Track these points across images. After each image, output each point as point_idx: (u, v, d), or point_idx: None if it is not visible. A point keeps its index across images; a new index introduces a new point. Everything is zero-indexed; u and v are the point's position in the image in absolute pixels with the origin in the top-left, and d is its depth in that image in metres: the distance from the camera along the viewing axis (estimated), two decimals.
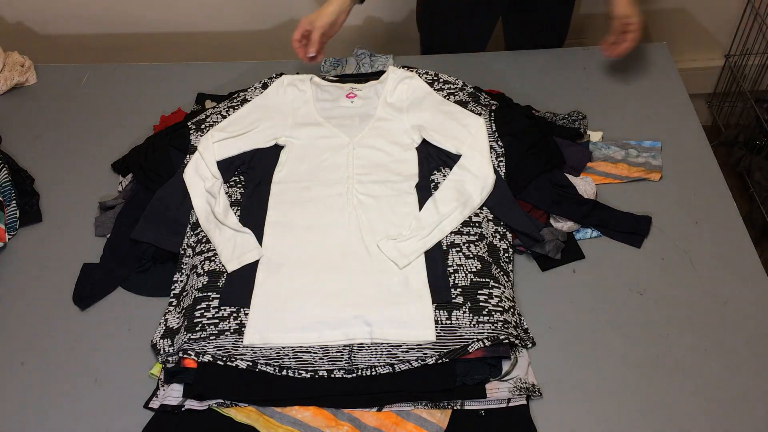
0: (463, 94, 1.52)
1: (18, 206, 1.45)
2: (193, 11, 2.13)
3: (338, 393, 1.14)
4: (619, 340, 1.21)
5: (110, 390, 1.19)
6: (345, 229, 1.32)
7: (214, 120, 1.50)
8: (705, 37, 2.29)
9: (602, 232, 1.37)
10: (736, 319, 1.23)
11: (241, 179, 1.42)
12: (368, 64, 1.71)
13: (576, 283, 1.30)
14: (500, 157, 1.41)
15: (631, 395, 1.15)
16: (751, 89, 2.29)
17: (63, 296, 1.32)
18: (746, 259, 1.32)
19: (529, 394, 1.13)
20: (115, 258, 1.35)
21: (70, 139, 1.62)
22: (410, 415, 1.12)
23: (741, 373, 1.16)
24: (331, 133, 1.46)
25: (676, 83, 1.66)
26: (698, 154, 1.51)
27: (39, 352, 1.24)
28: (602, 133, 1.55)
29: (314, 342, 1.18)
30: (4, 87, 1.72)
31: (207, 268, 1.27)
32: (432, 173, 1.40)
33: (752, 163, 2.21)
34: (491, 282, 1.24)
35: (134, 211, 1.40)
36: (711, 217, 1.39)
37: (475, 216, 1.34)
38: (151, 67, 1.80)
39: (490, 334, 1.16)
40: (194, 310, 1.22)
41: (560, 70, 1.71)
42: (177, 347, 1.19)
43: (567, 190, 1.39)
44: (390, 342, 1.17)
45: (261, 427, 1.12)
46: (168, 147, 1.46)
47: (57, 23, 2.14)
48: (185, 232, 1.35)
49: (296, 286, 1.25)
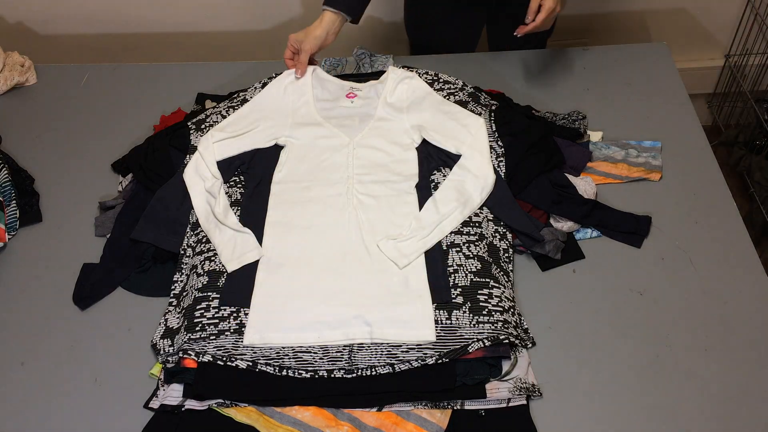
0: (463, 94, 1.52)
1: (18, 206, 1.45)
2: (193, 11, 2.13)
3: (338, 393, 1.14)
4: (619, 340, 1.21)
5: (110, 390, 1.19)
6: (345, 229, 1.32)
7: (214, 120, 1.50)
8: (705, 37, 2.29)
9: (602, 232, 1.37)
10: (736, 319, 1.23)
11: (241, 179, 1.42)
12: (368, 64, 1.71)
13: (576, 283, 1.30)
14: (500, 157, 1.41)
15: (631, 395, 1.15)
16: (751, 89, 2.29)
17: (63, 296, 1.32)
18: (746, 259, 1.32)
19: (529, 394, 1.13)
20: (115, 258, 1.35)
21: (70, 139, 1.62)
22: (410, 415, 1.12)
23: (741, 373, 1.16)
24: (331, 133, 1.46)
25: (676, 83, 1.66)
26: (698, 154, 1.51)
27: (39, 352, 1.24)
28: (602, 133, 1.55)
29: (314, 342, 1.18)
30: (4, 87, 1.72)
31: (207, 268, 1.27)
32: (432, 173, 1.40)
33: (752, 163, 2.21)
34: (491, 282, 1.24)
35: (134, 211, 1.40)
36: (711, 217, 1.39)
37: (475, 216, 1.34)
38: (151, 67, 1.80)
39: (490, 334, 1.16)
40: (194, 310, 1.22)
41: (560, 70, 1.71)
42: (177, 347, 1.19)
43: (567, 190, 1.39)
44: (390, 342, 1.17)
45: (261, 427, 1.12)
46: (168, 147, 1.46)
47: (57, 23, 2.14)
48: (185, 232, 1.35)
49: (296, 286, 1.25)
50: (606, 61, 1.72)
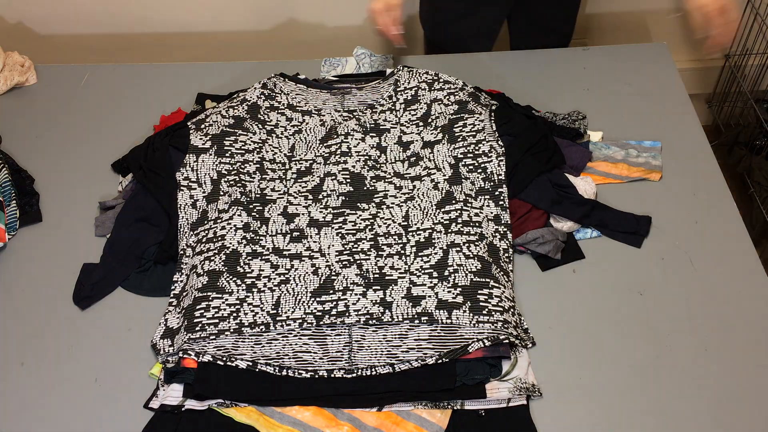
0: (463, 94, 1.52)
1: (18, 206, 1.45)
2: (193, 11, 2.13)
3: (338, 393, 1.14)
4: (619, 340, 1.21)
5: (110, 390, 1.19)
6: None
7: (213, 120, 1.49)
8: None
9: (602, 232, 1.37)
10: (736, 319, 1.23)
11: (241, 179, 1.42)
12: (368, 64, 1.71)
13: (576, 283, 1.30)
14: (500, 157, 1.41)
15: (631, 395, 1.15)
16: (751, 89, 2.29)
17: (63, 296, 1.32)
18: (746, 259, 1.32)
19: (529, 394, 1.13)
20: (116, 258, 1.35)
21: (70, 139, 1.62)
22: (410, 415, 1.12)
23: (741, 373, 1.16)
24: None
25: (676, 83, 1.66)
26: (698, 154, 1.51)
27: (39, 352, 1.24)
28: (602, 133, 1.55)
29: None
30: (4, 87, 1.72)
31: (207, 268, 1.27)
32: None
33: (752, 163, 2.21)
34: (491, 282, 1.24)
35: (134, 211, 1.40)
36: (711, 217, 1.39)
37: (476, 216, 1.34)
38: (151, 67, 1.80)
39: (490, 334, 1.16)
40: (194, 310, 1.22)
41: (560, 70, 1.71)
42: (177, 347, 1.19)
43: (567, 190, 1.39)
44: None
45: (261, 427, 1.12)
46: (168, 147, 1.46)
47: (57, 23, 2.14)
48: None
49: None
50: (606, 61, 1.72)
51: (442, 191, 1.38)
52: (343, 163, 1.43)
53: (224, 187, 1.39)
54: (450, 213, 1.34)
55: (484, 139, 1.43)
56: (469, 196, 1.37)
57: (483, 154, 1.42)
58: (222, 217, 1.35)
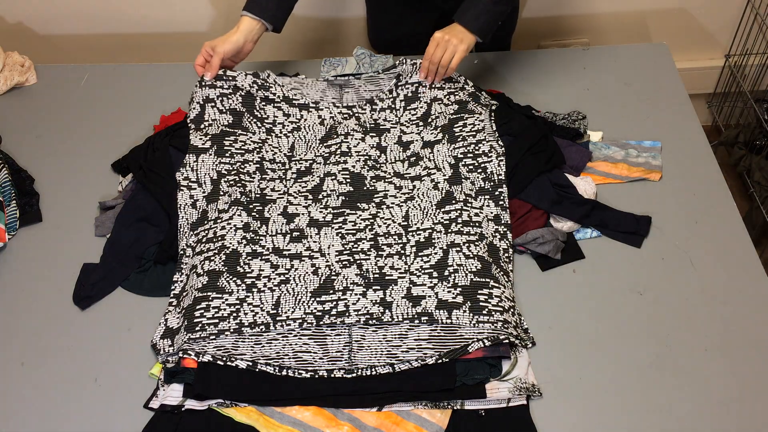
0: (463, 94, 1.52)
1: (18, 206, 1.45)
2: (193, 11, 2.13)
3: (338, 393, 1.14)
4: (619, 340, 1.21)
5: (110, 390, 1.19)
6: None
7: (213, 118, 1.49)
8: (705, 37, 2.29)
9: (602, 232, 1.37)
10: (736, 319, 1.23)
11: (241, 179, 1.42)
12: (368, 64, 1.71)
13: (576, 283, 1.30)
14: (500, 157, 1.41)
15: (630, 395, 1.15)
16: (751, 89, 2.29)
17: (63, 296, 1.32)
18: (746, 259, 1.32)
19: (529, 394, 1.13)
20: (116, 257, 1.35)
21: (70, 139, 1.62)
22: (410, 415, 1.12)
23: (741, 373, 1.16)
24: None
25: (676, 83, 1.66)
26: (698, 154, 1.51)
27: (39, 352, 1.24)
28: (602, 133, 1.55)
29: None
30: (4, 87, 1.72)
31: (207, 268, 1.27)
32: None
33: (752, 163, 2.21)
34: (491, 282, 1.24)
35: (134, 211, 1.40)
36: (711, 217, 1.39)
37: (476, 216, 1.34)
38: (151, 67, 1.80)
39: (490, 333, 1.16)
40: (194, 310, 1.22)
41: (560, 70, 1.71)
42: (177, 347, 1.19)
43: (567, 190, 1.39)
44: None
45: (261, 427, 1.12)
46: (168, 147, 1.46)
47: (57, 23, 2.14)
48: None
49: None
50: (606, 61, 1.72)
51: (442, 191, 1.38)
52: (343, 163, 1.43)
53: (224, 187, 1.39)
54: (450, 213, 1.34)
55: (484, 139, 1.44)
56: (469, 196, 1.37)
57: (483, 154, 1.42)
58: (222, 217, 1.35)
